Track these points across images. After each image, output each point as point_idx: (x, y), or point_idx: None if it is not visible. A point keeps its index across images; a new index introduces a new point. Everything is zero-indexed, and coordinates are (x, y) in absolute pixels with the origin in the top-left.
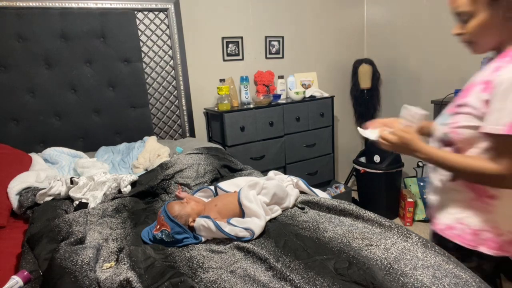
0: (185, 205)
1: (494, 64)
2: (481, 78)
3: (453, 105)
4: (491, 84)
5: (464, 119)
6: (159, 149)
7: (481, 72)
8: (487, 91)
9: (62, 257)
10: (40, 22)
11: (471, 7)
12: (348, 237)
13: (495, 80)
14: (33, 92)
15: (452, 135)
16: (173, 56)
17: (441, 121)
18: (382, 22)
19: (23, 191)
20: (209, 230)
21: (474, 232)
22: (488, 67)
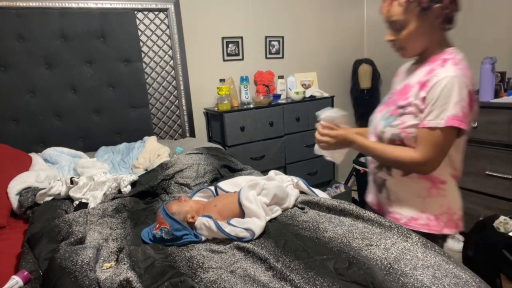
0: (183, 203)
1: (427, 67)
2: (416, 80)
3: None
4: (428, 83)
5: (410, 118)
6: (159, 149)
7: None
8: (424, 89)
9: (62, 257)
10: (40, 22)
11: (404, 16)
12: (348, 237)
13: (432, 80)
14: (33, 92)
15: (403, 134)
16: (173, 56)
17: (386, 123)
18: (382, 22)
19: (23, 191)
20: (210, 229)
21: (436, 217)
22: (420, 70)
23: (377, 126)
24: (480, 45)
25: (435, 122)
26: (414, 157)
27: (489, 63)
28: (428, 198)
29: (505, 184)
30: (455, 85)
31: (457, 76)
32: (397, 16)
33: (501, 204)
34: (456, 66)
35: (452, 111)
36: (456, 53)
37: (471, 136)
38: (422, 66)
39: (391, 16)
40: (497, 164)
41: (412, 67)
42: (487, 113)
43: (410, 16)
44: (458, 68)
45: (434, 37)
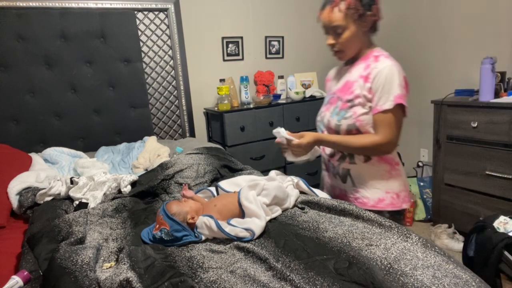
0: (183, 203)
1: (362, 64)
2: (357, 75)
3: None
4: (370, 75)
5: (359, 108)
6: (159, 149)
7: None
8: (368, 81)
9: (62, 257)
10: (40, 22)
11: (344, 22)
12: (348, 237)
13: (373, 72)
14: (33, 92)
15: (357, 123)
16: (173, 56)
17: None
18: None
19: (23, 191)
20: (210, 229)
21: (397, 195)
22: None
23: (330, 123)
24: (480, 45)
25: (387, 104)
26: (376, 140)
27: (489, 63)
28: (390, 179)
29: (505, 184)
30: (395, 71)
31: (394, 65)
32: (338, 22)
33: (501, 204)
34: (389, 59)
35: (398, 91)
36: (383, 50)
37: (471, 136)
38: (356, 65)
39: (333, 22)
40: (497, 164)
41: (344, 68)
42: (487, 113)
43: (349, 22)
44: (391, 60)
45: (365, 40)
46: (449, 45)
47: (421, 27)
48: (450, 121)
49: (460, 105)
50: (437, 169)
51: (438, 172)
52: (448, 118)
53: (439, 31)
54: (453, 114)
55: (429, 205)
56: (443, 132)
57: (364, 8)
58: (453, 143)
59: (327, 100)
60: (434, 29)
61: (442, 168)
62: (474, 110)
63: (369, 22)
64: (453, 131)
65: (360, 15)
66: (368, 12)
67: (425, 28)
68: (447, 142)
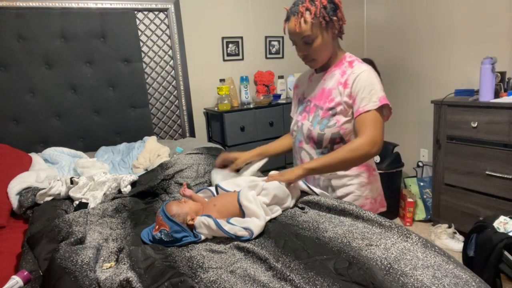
0: (183, 204)
1: (336, 71)
2: (334, 83)
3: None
4: (348, 81)
5: (342, 117)
6: (159, 149)
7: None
8: (347, 87)
9: (62, 257)
10: (40, 22)
11: (312, 31)
12: (348, 237)
13: (351, 77)
14: (33, 92)
15: (341, 132)
16: (173, 56)
17: (322, 126)
18: (382, 22)
19: (23, 191)
20: (209, 228)
21: (375, 200)
22: (331, 75)
23: (311, 132)
24: (480, 45)
25: (371, 105)
26: (362, 142)
27: (489, 63)
28: (368, 185)
29: (505, 184)
30: (373, 75)
31: (370, 69)
32: (307, 32)
33: (501, 204)
34: (363, 64)
35: (381, 92)
36: (352, 55)
37: (471, 136)
38: (330, 72)
39: (301, 33)
40: (497, 164)
41: (316, 75)
42: (487, 113)
43: (317, 30)
44: (365, 64)
45: (334, 46)
46: (449, 45)
47: (421, 27)
48: (450, 121)
49: (460, 105)
50: (437, 169)
51: (438, 172)
52: (448, 118)
53: (439, 31)
54: (453, 114)
55: (429, 205)
56: (443, 132)
57: (329, 15)
58: (453, 143)
59: (302, 108)
60: (434, 29)
61: (442, 168)
62: (474, 110)
63: (336, 27)
64: (453, 131)
65: (327, 22)
66: (334, 18)
67: (425, 28)
68: (447, 142)
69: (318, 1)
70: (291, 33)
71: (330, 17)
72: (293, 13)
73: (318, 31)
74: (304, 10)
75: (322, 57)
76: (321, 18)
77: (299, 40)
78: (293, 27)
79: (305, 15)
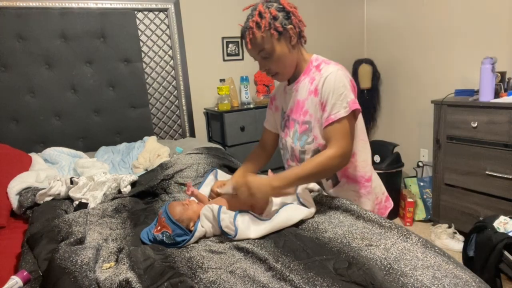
0: (186, 207)
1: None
2: (306, 93)
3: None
4: (318, 87)
5: (319, 129)
6: (159, 149)
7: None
8: (317, 95)
9: (62, 257)
10: (40, 22)
11: (267, 45)
12: (348, 237)
13: (320, 82)
14: (33, 92)
15: (320, 148)
16: (173, 56)
17: (302, 143)
18: (382, 22)
19: (23, 191)
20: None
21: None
22: (302, 84)
23: (294, 149)
24: (480, 45)
25: (342, 112)
26: (332, 155)
27: (489, 63)
28: (360, 199)
29: (505, 184)
30: (341, 75)
31: (338, 69)
32: (260, 47)
33: (501, 204)
34: (330, 64)
35: (351, 96)
36: (320, 56)
37: (471, 136)
38: (300, 81)
39: (257, 48)
40: (497, 164)
41: (288, 87)
42: (487, 113)
43: (272, 43)
44: (333, 64)
45: (297, 54)
46: (449, 45)
47: (421, 27)
48: (450, 121)
49: (460, 105)
50: (437, 169)
51: (438, 172)
52: (448, 118)
53: (439, 31)
54: (453, 114)
55: (429, 205)
56: (443, 132)
57: (282, 24)
58: (453, 143)
59: (284, 123)
60: (434, 29)
61: (442, 168)
62: (474, 110)
63: (294, 35)
64: (453, 131)
65: (281, 33)
66: (288, 26)
67: (425, 28)
68: (447, 142)
69: (267, 13)
70: (248, 50)
71: (283, 27)
72: (245, 30)
73: (272, 43)
74: (254, 24)
75: (285, 69)
76: (272, 30)
77: (257, 56)
78: (247, 45)
79: (255, 30)
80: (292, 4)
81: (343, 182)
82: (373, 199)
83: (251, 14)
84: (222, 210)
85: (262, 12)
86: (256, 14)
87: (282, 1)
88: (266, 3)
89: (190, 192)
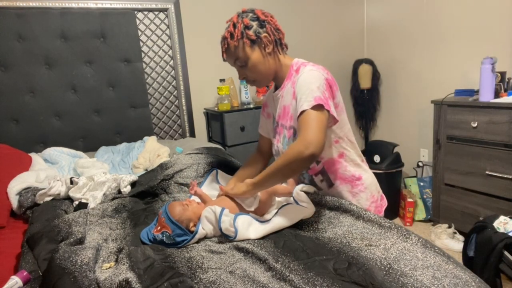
0: (186, 208)
1: (288, 84)
2: (290, 98)
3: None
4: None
5: None
6: (159, 149)
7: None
8: (295, 98)
9: (62, 257)
10: (40, 22)
11: (241, 53)
12: (348, 237)
13: (297, 83)
14: (33, 92)
15: None
16: (173, 56)
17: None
18: (382, 22)
19: (23, 191)
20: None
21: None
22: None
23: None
24: (480, 45)
25: (305, 105)
26: (294, 144)
27: (489, 63)
28: (354, 198)
29: (505, 184)
30: (313, 75)
31: (312, 70)
32: (235, 56)
33: (501, 204)
34: (307, 65)
35: (317, 92)
36: (299, 60)
37: (471, 136)
38: (284, 87)
39: (232, 57)
40: (497, 164)
41: (275, 93)
42: (487, 113)
43: (246, 52)
44: (310, 65)
45: (275, 61)
46: (449, 45)
47: (421, 27)
48: (450, 121)
49: (460, 105)
50: (437, 169)
51: (438, 172)
52: (448, 118)
53: (439, 31)
54: (453, 114)
55: (429, 205)
56: (443, 132)
57: (256, 33)
58: (453, 143)
59: (274, 130)
60: (434, 29)
61: (442, 168)
62: (474, 110)
63: (268, 43)
64: (453, 131)
65: (253, 41)
66: (262, 35)
67: (425, 28)
68: (447, 142)
69: (240, 23)
70: (226, 60)
71: (256, 35)
72: (221, 41)
73: (245, 52)
74: (228, 34)
75: (261, 76)
76: (245, 39)
77: (234, 64)
78: (224, 55)
79: (229, 39)
80: (268, 13)
81: (338, 183)
82: (367, 197)
83: (227, 26)
84: (224, 212)
85: (235, 22)
86: (230, 25)
87: (257, 11)
88: (241, 13)
89: (194, 192)
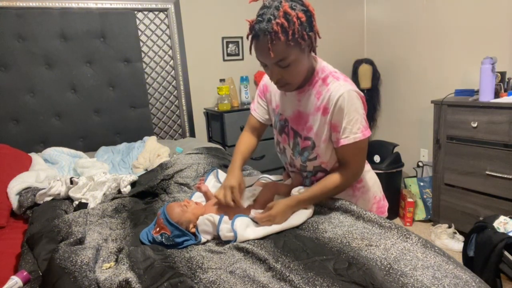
0: (185, 209)
1: (312, 92)
2: (311, 109)
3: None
4: (326, 106)
5: (323, 149)
6: (159, 149)
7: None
8: (327, 114)
9: (62, 257)
10: (40, 22)
11: (290, 53)
12: (348, 237)
13: (331, 102)
14: (33, 92)
15: (323, 165)
16: (173, 56)
17: (304, 158)
18: (382, 22)
19: (23, 191)
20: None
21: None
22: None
23: (294, 161)
24: (480, 45)
25: (353, 137)
26: (347, 178)
27: (489, 63)
28: (358, 201)
29: (505, 184)
30: (354, 98)
31: (349, 90)
32: (282, 55)
33: (501, 204)
34: (339, 80)
35: (363, 122)
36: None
37: (471, 136)
38: (304, 92)
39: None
40: (497, 164)
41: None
42: (487, 113)
43: (294, 51)
44: (342, 80)
45: (310, 63)
46: (450, 45)
47: (421, 27)
48: (450, 121)
49: (460, 105)
50: (437, 169)
51: (438, 172)
52: (448, 118)
53: (439, 31)
54: (453, 114)
55: (429, 205)
56: (443, 132)
57: (307, 31)
58: (453, 143)
59: (281, 126)
60: (434, 29)
61: (442, 168)
62: (474, 110)
63: (313, 43)
64: (453, 131)
65: (305, 41)
66: (311, 33)
67: (425, 28)
68: (447, 142)
69: (294, 16)
70: (262, 56)
71: (308, 34)
72: (264, 32)
73: (295, 53)
74: (279, 29)
75: (298, 80)
76: (299, 39)
77: (271, 63)
78: (264, 50)
79: (281, 36)
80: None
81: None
82: (369, 198)
83: (272, 14)
84: (224, 220)
85: (289, 13)
86: (280, 15)
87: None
88: (290, 2)
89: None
